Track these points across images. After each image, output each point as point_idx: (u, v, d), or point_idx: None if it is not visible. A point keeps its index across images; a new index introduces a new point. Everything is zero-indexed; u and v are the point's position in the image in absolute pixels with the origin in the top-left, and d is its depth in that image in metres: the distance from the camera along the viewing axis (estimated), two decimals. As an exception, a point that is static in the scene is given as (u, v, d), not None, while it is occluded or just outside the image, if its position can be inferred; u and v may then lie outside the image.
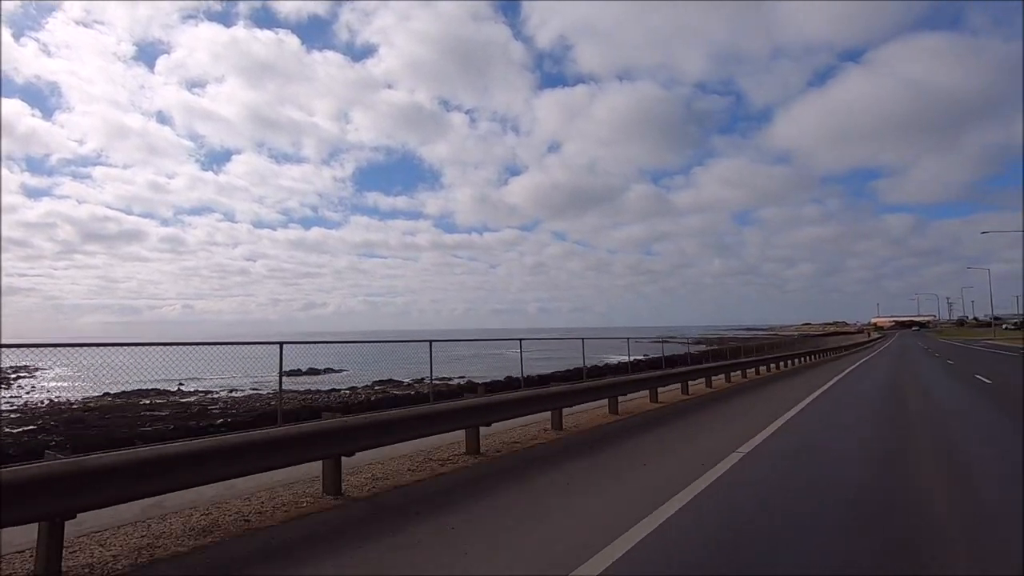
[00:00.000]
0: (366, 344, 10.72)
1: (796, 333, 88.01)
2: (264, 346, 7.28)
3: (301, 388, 20.96)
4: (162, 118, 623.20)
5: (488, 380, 17.37)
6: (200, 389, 21.10)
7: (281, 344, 6.72)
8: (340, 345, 10.52)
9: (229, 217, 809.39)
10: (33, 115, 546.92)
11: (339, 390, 20.73)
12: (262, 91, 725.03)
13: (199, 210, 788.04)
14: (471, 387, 14.96)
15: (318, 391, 20.20)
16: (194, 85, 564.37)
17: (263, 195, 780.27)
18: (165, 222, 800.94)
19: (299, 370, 20.34)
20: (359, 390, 20.22)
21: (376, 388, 20.70)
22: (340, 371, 21.78)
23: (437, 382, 18.92)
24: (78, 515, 3.38)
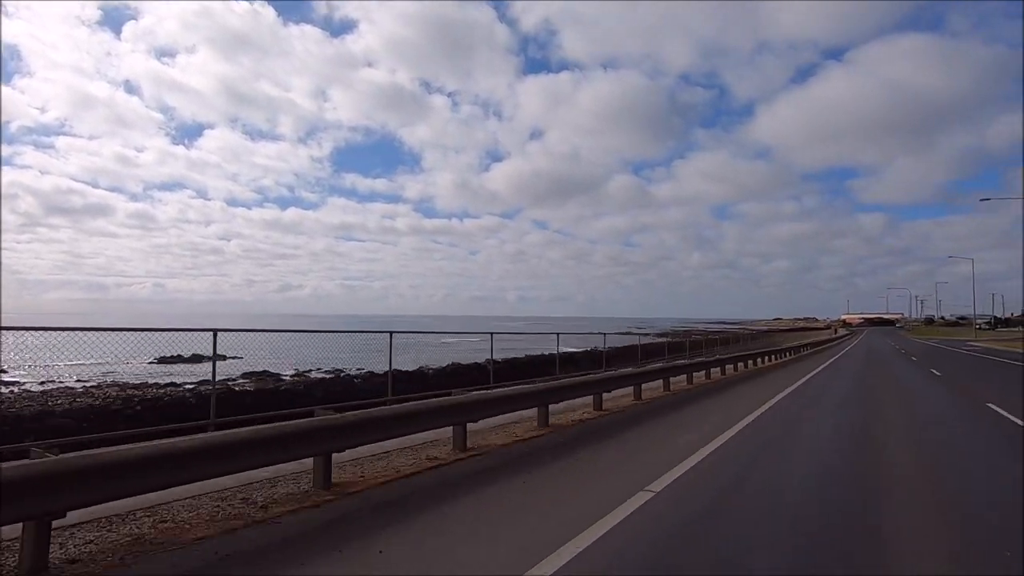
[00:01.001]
0: (318, 334, 9.75)
1: (765, 328, 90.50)
2: (195, 332, 7.11)
3: (165, 379, 17.65)
4: (130, 88, 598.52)
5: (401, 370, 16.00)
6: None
7: (215, 331, 6.58)
8: (285, 334, 9.84)
9: (201, 194, 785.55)
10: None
11: (179, 385, 16.55)
12: (236, 64, 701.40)
13: (170, 186, 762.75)
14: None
15: (165, 385, 16.54)
16: (163, 54, 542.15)
17: (237, 172, 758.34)
18: (134, 197, 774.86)
19: (180, 356, 17.05)
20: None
21: (237, 382, 17.02)
22: (234, 358, 15.58)
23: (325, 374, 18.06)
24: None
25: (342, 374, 17.97)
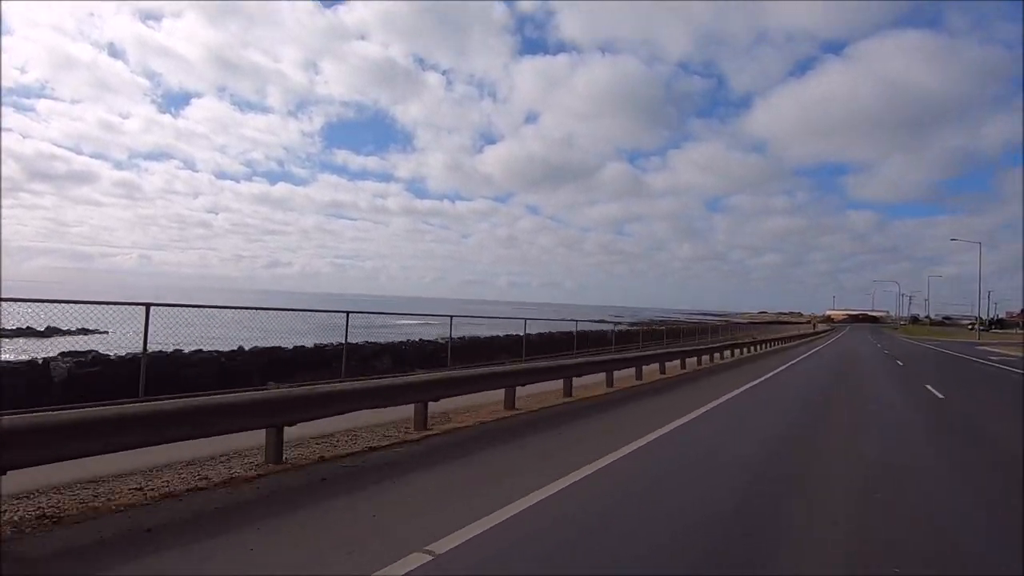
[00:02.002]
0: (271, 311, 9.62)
1: (746, 321, 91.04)
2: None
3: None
4: (114, 51, 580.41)
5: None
6: None
7: (148, 306, 6.55)
8: (234, 312, 9.67)
9: (189, 165, 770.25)
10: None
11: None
12: (224, 31, 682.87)
13: (156, 155, 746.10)
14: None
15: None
16: (149, 17, 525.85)
17: (225, 144, 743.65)
18: (119, 165, 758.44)
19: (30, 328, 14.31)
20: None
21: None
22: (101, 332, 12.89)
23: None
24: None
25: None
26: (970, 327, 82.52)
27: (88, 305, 6.92)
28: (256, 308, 9.39)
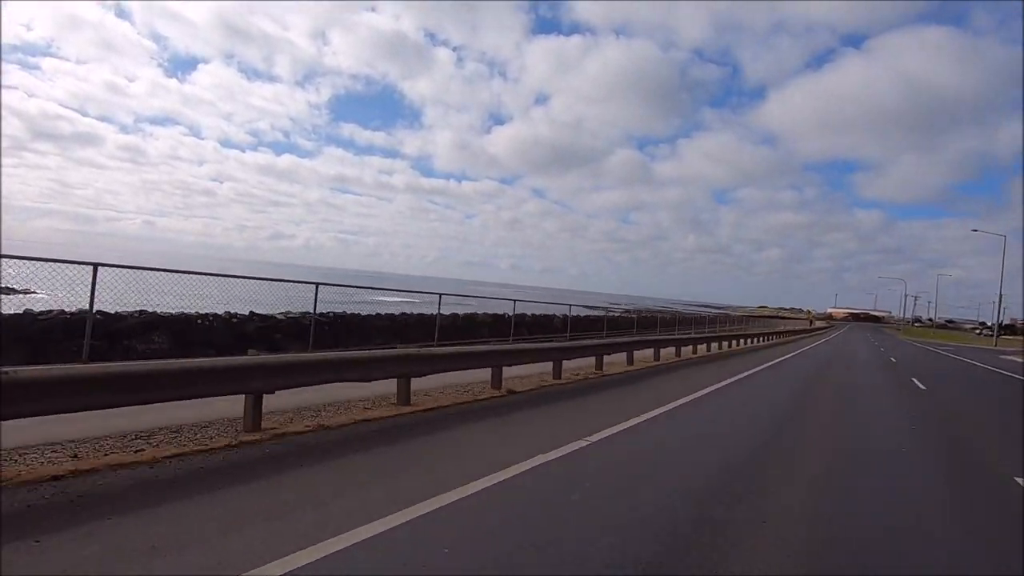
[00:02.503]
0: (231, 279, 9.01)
1: (742, 315, 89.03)
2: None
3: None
4: (120, 12, 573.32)
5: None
6: None
7: (95, 265, 6.37)
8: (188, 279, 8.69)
9: (194, 132, 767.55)
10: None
11: None
12: None
13: (161, 120, 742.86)
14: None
15: None
16: None
17: (231, 112, 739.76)
18: (124, 128, 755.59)
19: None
20: None
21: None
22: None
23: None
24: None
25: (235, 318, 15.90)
26: (977, 332, 79.87)
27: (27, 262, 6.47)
28: (220, 275, 8.98)
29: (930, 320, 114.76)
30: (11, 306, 11.71)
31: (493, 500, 4.04)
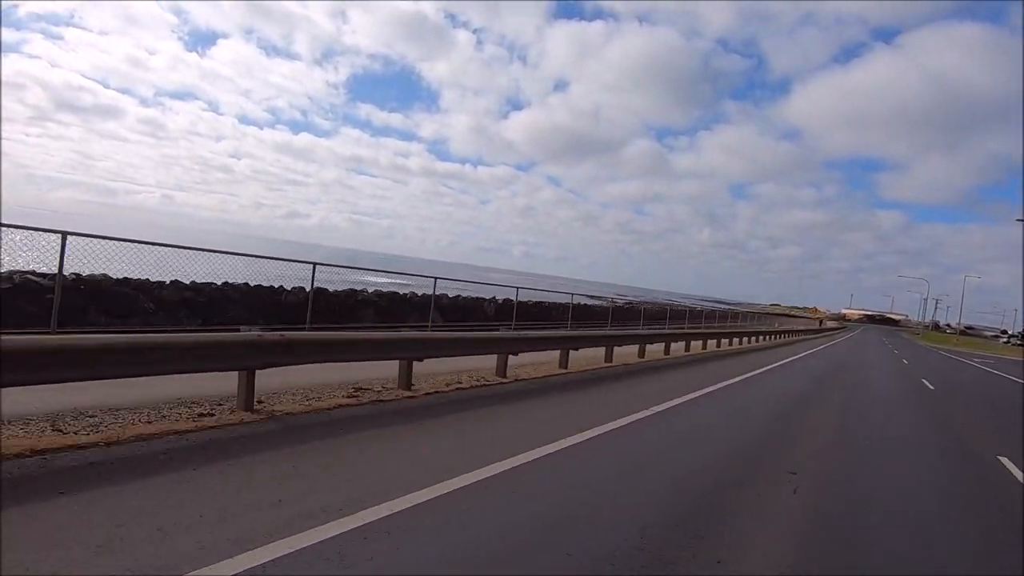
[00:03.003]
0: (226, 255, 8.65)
1: (742, 311, 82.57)
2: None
3: None
4: None
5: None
6: None
7: (64, 234, 6.14)
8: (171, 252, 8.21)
9: (213, 108, 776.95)
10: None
11: None
12: None
13: (181, 94, 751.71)
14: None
15: None
16: None
17: (250, 89, 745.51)
18: (144, 102, 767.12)
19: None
20: None
21: None
22: None
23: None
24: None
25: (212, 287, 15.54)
26: (1004, 340, 75.49)
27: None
28: (197, 248, 8.39)
29: (948, 326, 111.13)
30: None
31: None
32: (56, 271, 6.28)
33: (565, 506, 3.77)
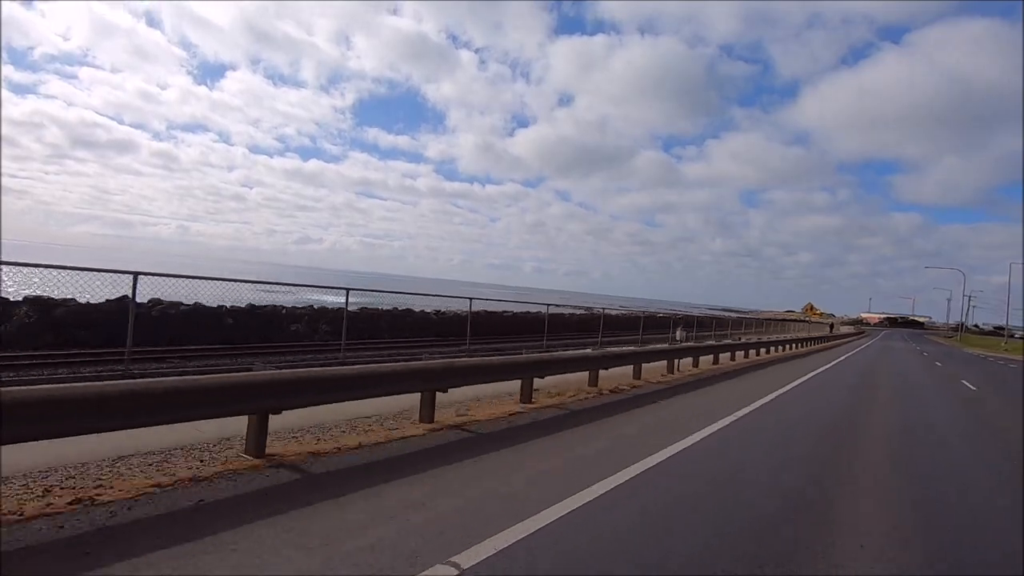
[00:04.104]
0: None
1: (753, 318, 70.50)
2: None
3: None
4: (151, 20, 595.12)
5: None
6: None
7: (135, 274, 6.92)
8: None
9: (224, 138, 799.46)
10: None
11: None
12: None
13: (192, 127, 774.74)
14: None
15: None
16: None
17: (259, 118, 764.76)
18: (157, 135, 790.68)
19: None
20: None
21: None
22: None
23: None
24: None
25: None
26: None
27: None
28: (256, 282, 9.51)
29: (976, 326, 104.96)
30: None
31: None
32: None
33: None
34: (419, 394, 6.68)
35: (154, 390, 4.09)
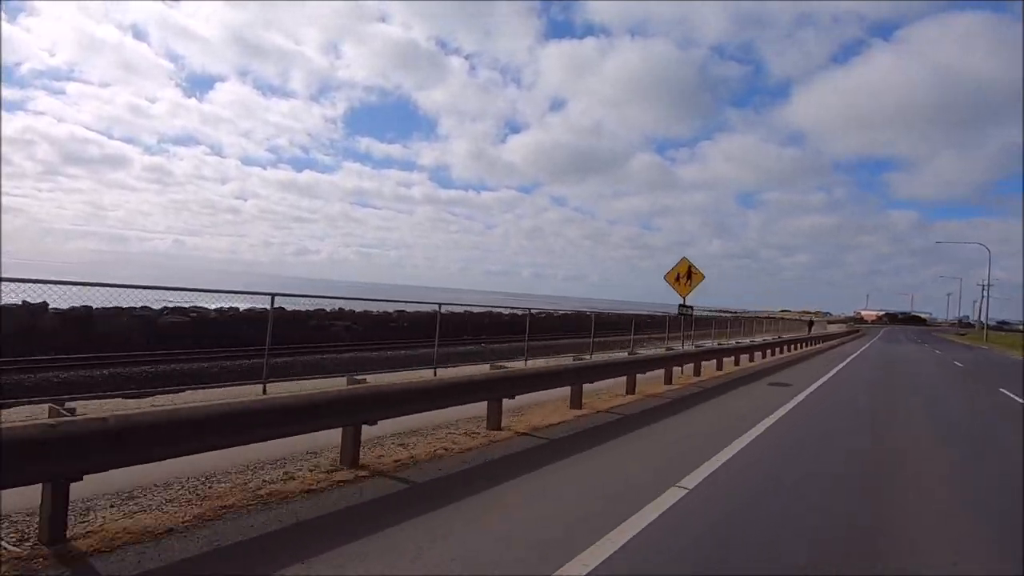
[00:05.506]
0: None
1: (740, 317, 56.47)
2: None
3: None
4: (138, 33, 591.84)
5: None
6: None
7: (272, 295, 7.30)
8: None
9: (216, 151, 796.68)
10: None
11: None
12: (244, 11, 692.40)
13: (184, 140, 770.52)
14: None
15: None
16: None
17: (250, 129, 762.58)
18: (149, 149, 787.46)
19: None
20: None
21: None
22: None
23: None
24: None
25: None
26: None
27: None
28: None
29: (979, 321, 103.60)
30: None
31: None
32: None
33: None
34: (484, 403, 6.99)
35: (273, 406, 4.41)
